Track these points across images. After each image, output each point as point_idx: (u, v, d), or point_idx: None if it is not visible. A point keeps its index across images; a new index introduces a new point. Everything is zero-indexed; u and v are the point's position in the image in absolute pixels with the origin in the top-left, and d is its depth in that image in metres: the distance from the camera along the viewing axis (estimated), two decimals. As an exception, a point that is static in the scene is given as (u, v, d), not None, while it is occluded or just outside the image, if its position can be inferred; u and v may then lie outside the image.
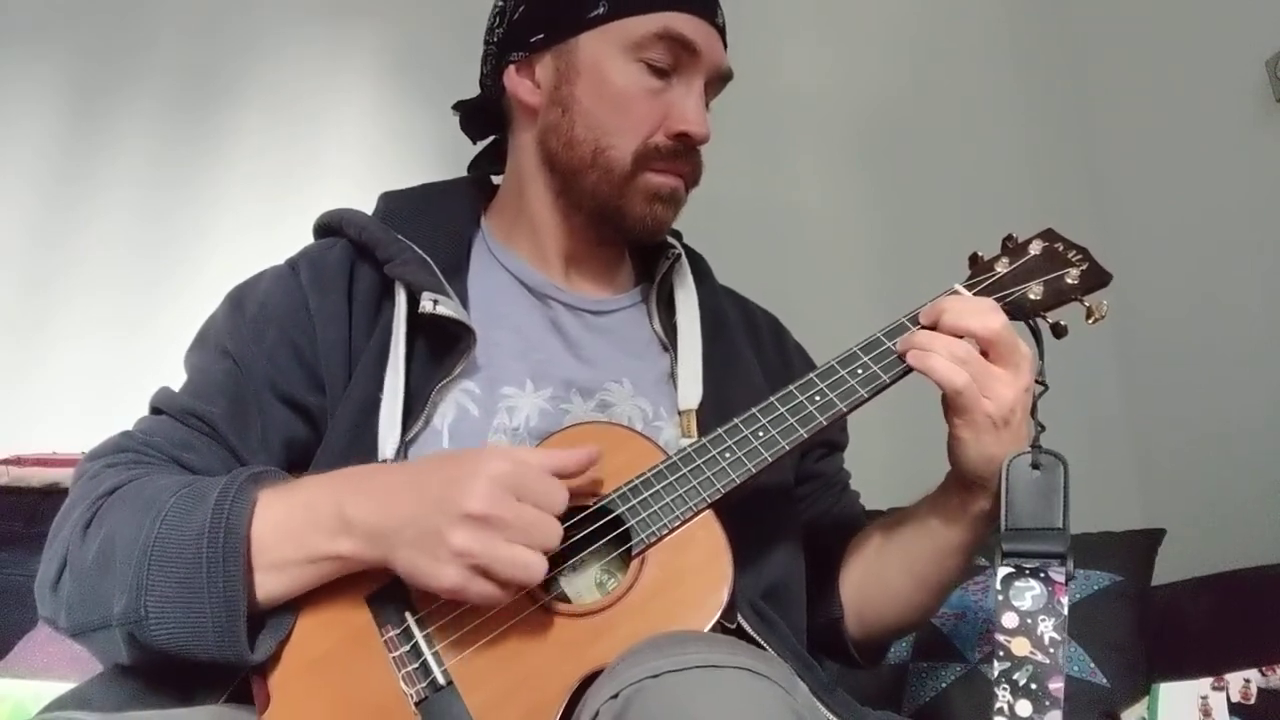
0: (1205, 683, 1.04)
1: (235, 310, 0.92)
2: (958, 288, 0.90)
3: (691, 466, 0.81)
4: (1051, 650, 0.76)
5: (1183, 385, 1.68)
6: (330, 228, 0.99)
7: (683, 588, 0.76)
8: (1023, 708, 0.74)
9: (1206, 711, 1.02)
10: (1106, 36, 1.87)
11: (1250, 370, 1.53)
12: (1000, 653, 0.77)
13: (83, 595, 0.75)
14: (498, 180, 1.09)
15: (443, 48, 1.65)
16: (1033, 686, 0.75)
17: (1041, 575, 0.78)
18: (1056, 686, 0.74)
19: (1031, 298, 0.88)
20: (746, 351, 1.04)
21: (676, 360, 0.97)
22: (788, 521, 0.98)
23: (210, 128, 1.86)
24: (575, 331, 0.98)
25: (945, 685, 1.19)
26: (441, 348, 0.89)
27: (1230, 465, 1.55)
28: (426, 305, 0.87)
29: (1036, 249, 0.91)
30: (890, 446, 1.47)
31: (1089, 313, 0.88)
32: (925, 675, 1.21)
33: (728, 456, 0.82)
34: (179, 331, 0.97)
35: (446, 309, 0.88)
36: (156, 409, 0.88)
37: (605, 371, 0.96)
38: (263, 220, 1.77)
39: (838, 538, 1.02)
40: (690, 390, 0.95)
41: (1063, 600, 0.77)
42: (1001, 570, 0.79)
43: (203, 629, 0.72)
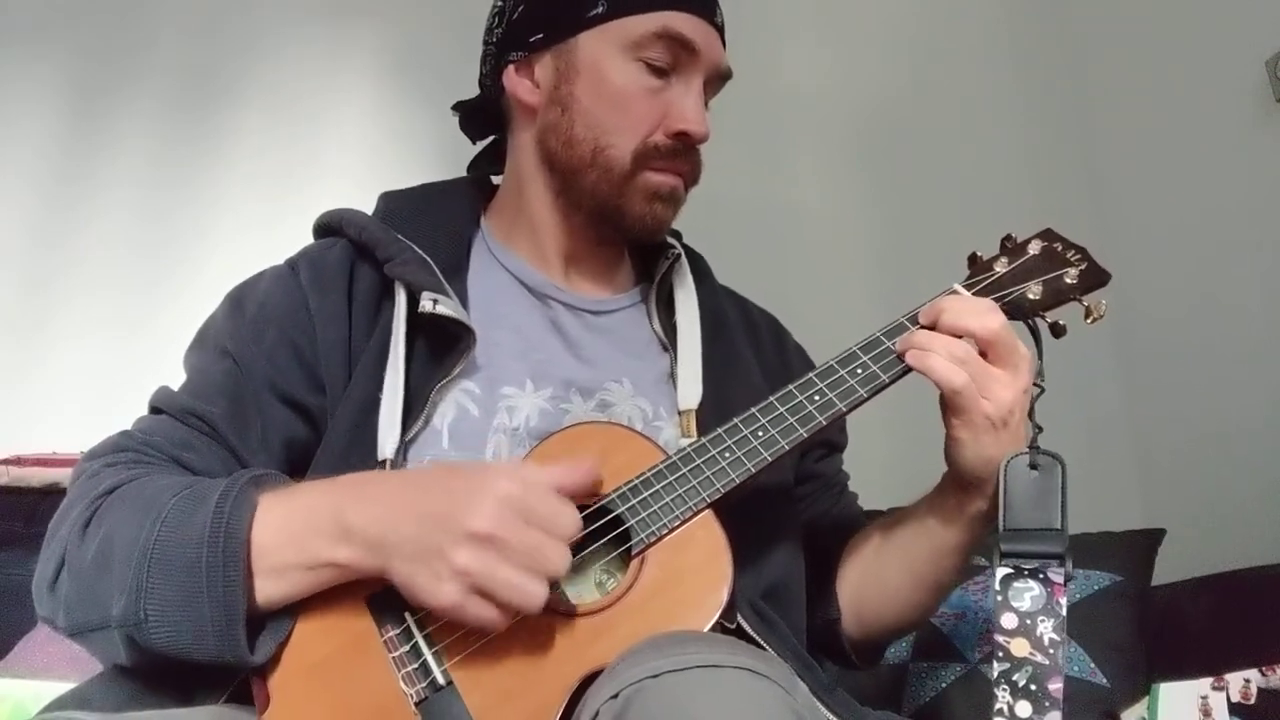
0: (1205, 683, 1.04)
1: (235, 310, 0.92)
2: (957, 287, 0.89)
3: (691, 466, 0.81)
4: (1051, 651, 0.76)
5: (1182, 385, 1.68)
6: (330, 228, 0.99)
7: (682, 587, 0.76)
8: (1022, 709, 0.74)
9: (1206, 711, 1.02)
10: (1106, 36, 1.87)
11: (1250, 370, 1.53)
12: (999, 653, 0.77)
13: (81, 595, 0.75)
14: (497, 180, 1.09)
15: (443, 48, 1.65)
16: (1032, 687, 0.75)
17: (1040, 576, 0.78)
18: (1056, 687, 0.74)
19: (1030, 297, 0.88)
20: (746, 352, 1.04)
21: (676, 360, 0.97)
22: (788, 522, 0.98)
23: (210, 128, 1.86)
24: (575, 331, 0.98)
25: (945, 685, 1.19)
26: (441, 347, 0.89)
27: (1230, 465, 1.55)
28: (426, 305, 0.87)
29: (1035, 249, 0.91)
30: (890, 446, 1.47)
31: (1088, 312, 0.87)
32: (925, 675, 1.21)
33: (727, 456, 0.81)
34: (179, 331, 0.97)
35: (446, 309, 0.88)
36: (156, 409, 0.88)
37: (605, 371, 0.96)
38: (263, 220, 1.77)
39: (836, 539, 1.02)
40: (690, 390, 0.94)
41: (1061, 601, 0.77)
42: (1000, 571, 0.79)
43: (203, 632, 0.72)
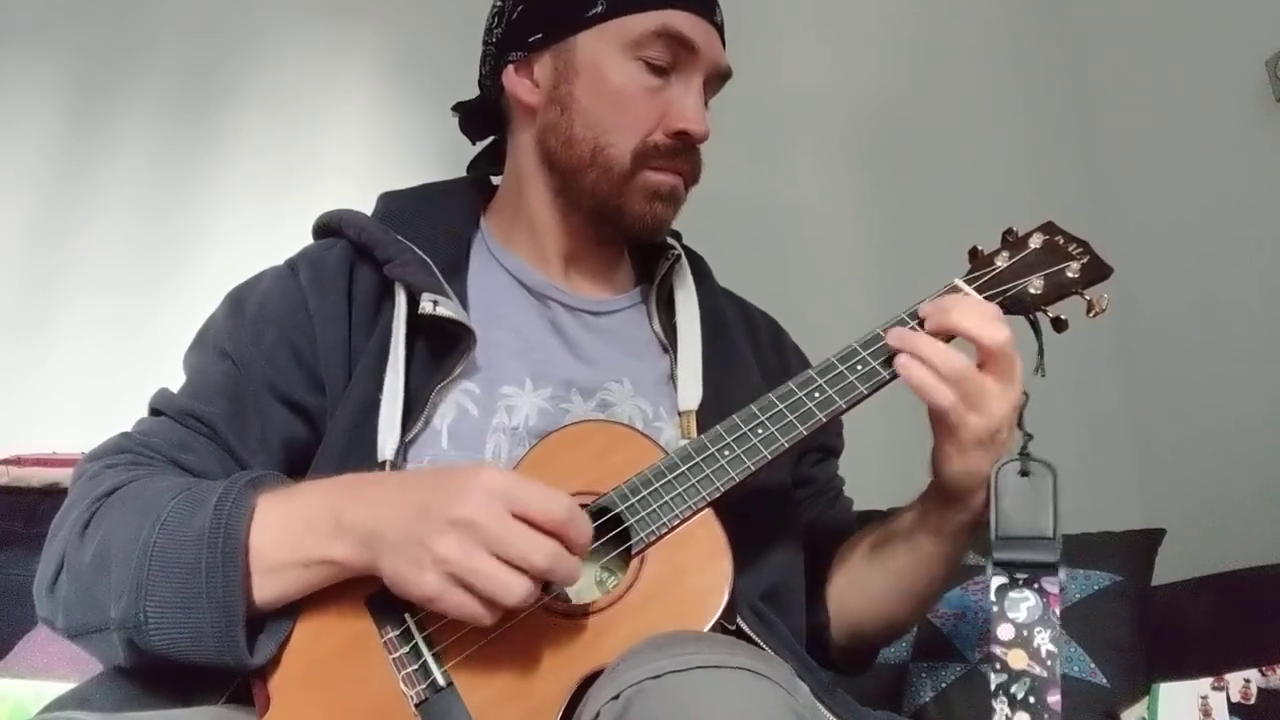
0: (1205, 683, 1.04)
1: (234, 311, 0.92)
2: (958, 282, 0.88)
3: (691, 465, 0.80)
4: (1049, 663, 0.75)
5: (1183, 385, 1.68)
6: (330, 228, 0.99)
7: (683, 587, 0.76)
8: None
9: (1206, 711, 1.02)
10: (1106, 36, 1.87)
11: (1250, 370, 1.53)
12: (997, 665, 0.76)
13: (80, 596, 0.75)
14: (497, 181, 1.09)
15: (443, 48, 1.65)
16: (1031, 700, 0.74)
17: (1035, 586, 0.77)
18: (1055, 700, 0.73)
19: (1032, 292, 0.87)
20: (746, 353, 1.04)
21: (676, 361, 0.97)
22: (787, 523, 0.98)
23: (210, 128, 1.86)
24: (574, 331, 0.98)
25: (945, 685, 1.19)
26: (441, 348, 0.89)
27: (1230, 464, 1.55)
28: (426, 306, 0.87)
29: (1037, 242, 0.90)
30: (889, 446, 1.47)
31: (1090, 306, 0.86)
32: (925, 675, 1.21)
33: (727, 455, 0.81)
34: (179, 331, 0.97)
35: (446, 310, 0.87)
36: (156, 410, 0.88)
37: (605, 371, 0.95)
38: (263, 220, 1.77)
39: (826, 545, 1.02)
40: (690, 391, 0.94)
41: (1056, 611, 0.76)
42: (995, 581, 0.78)
43: (202, 634, 0.72)
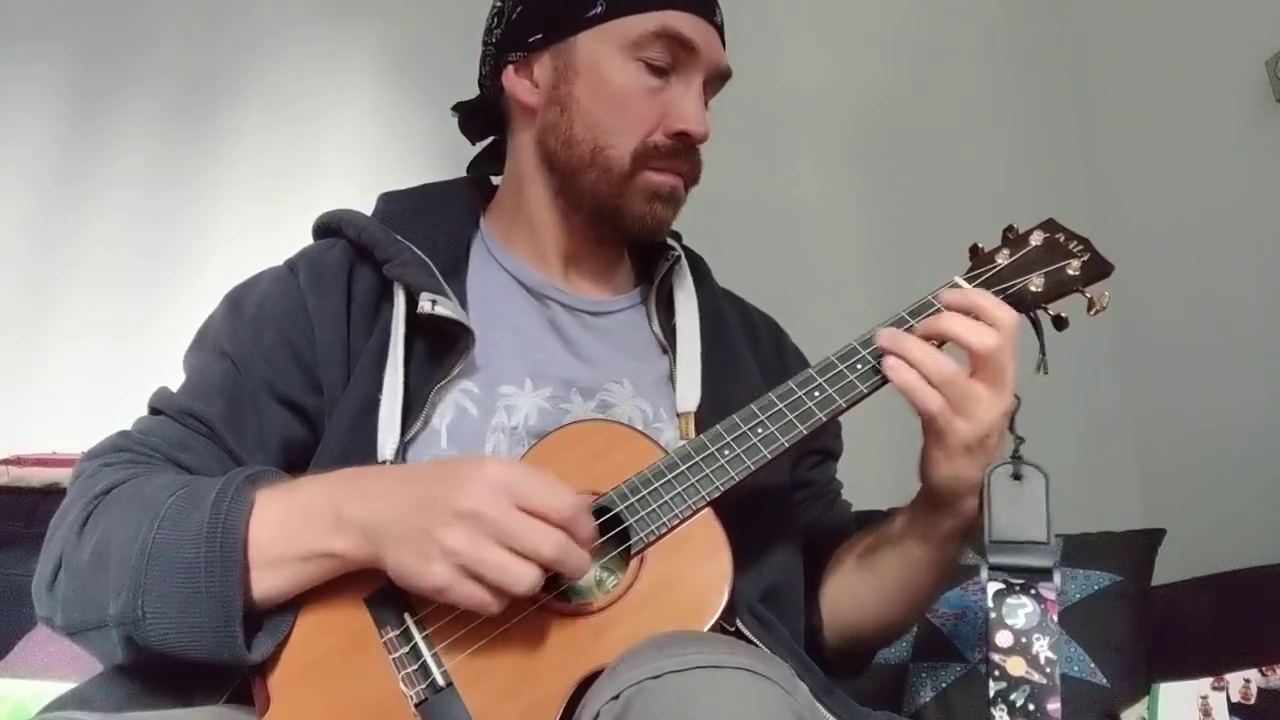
0: (1205, 683, 1.04)
1: (233, 311, 0.92)
2: (958, 280, 0.88)
3: (690, 464, 0.80)
4: (1048, 670, 0.74)
5: (1183, 385, 1.68)
6: (329, 228, 0.99)
7: (682, 587, 0.76)
8: (1021, 728, 0.73)
9: (1206, 711, 1.02)
10: (1106, 36, 1.87)
11: (1250, 370, 1.53)
12: (996, 672, 0.75)
13: (78, 594, 0.75)
14: (497, 181, 1.09)
15: (443, 48, 1.65)
16: (1030, 707, 0.73)
17: (1032, 592, 0.77)
18: (1055, 707, 0.73)
19: (1033, 290, 0.87)
20: (745, 354, 1.04)
21: (675, 362, 0.97)
22: (787, 524, 0.98)
23: (210, 128, 1.86)
24: (574, 332, 0.98)
25: (945, 685, 1.19)
26: (440, 348, 0.89)
27: (1230, 464, 1.55)
28: (425, 306, 0.87)
29: (1037, 240, 0.90)
30: (889, 447, 1.46)
31: (1091, 304, 0.86)
32: (925, 675, 1.21)
33: (727, 454, 0.81)
34: (179, 331, 0.97)
35: (445, 309, 0.87)
36: (155, 409, 0.88)
37: (605, 372, 0.95)
38: (263, 220, 1.77)
39: (822, 548, 1.01)
40: (689, 392, 0.94)
41: (1054, 617, 0.76)
42: (992, 586, 0.78)
43: (200, 629, 0.72)
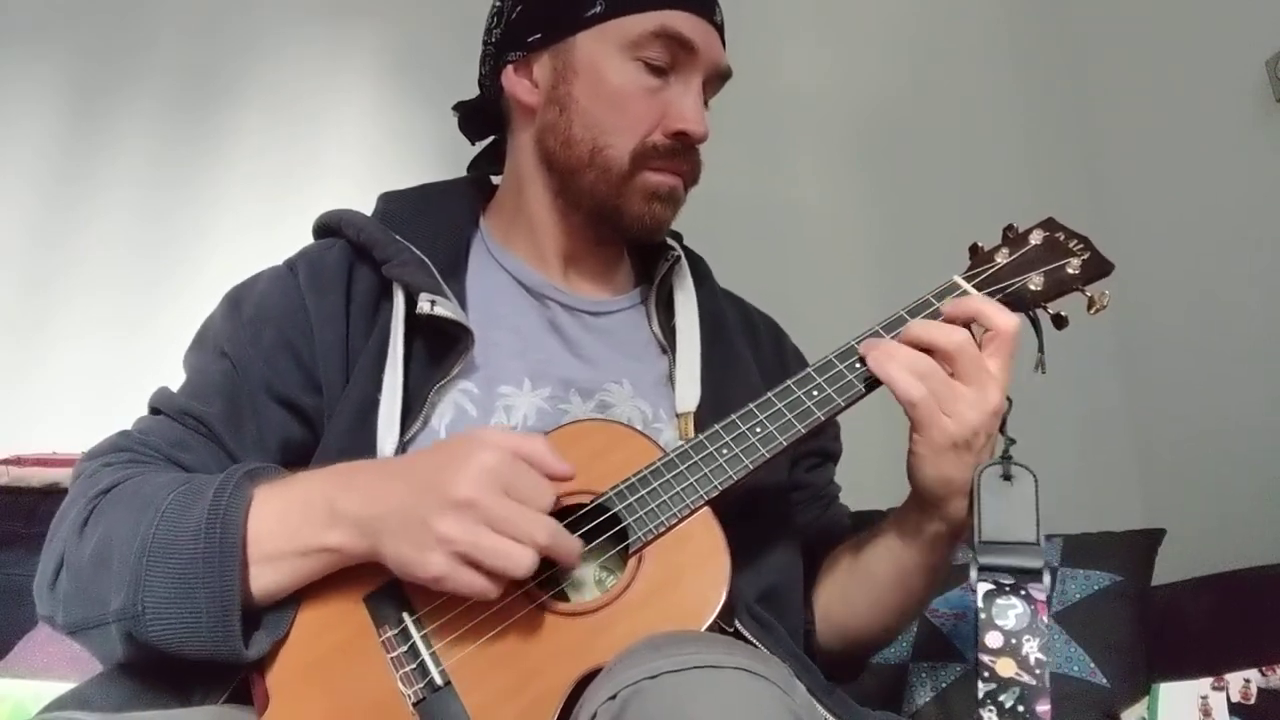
0: (1205, 683, 1.04)
1: (233, 311, 0.92)
2: (957, 279, 0.88)
3: (689, 464, 0.80)
4: (1038, 672, 0.74)
5: (1183, 385, 1.68)
6: (329, 228, 0.99)
7: (680, 586, 0.76)
8: (1010, 730, 0.72)
9: (1206, 711, 1.02)
10: (1106, 36, 1.87)
11: (1250, 370, 1.53)
12: (985, 673, 0.75)
13: (79, 593, 0.75)
14: (497, 181, 1.09)
15: (443, 48, 1.65)
16: (1020, 709, 0.73)
17: (1022, 593, 0.77)
18: (1044, 709, 0.72)
19: (1032, 288, 0.87)
20: (745, 354, 1.03)
21: (675, 363, 0.97)
22: (786, 525, 0.98)
23: (210, 128, 1.86)
24: (573, 332, 0.98)
25: (945, 685, 1.19)
26: (439, 348, 0.89)
27: (1230, 464, 1.55)
28: (424, 306, 0.87)
29: (1037, 239, 0.90)
30: (889, 447, 1.46)
31: (1091, 303, 0.86)
32: (925, 675, 1.21)
33: (725, 453, 0.81)
34: (179, 331, 0.97)
35: (444, 310, 0.87)
36: (154, 409, 0.88)
37: (605, 372, 0.95)
38: (263, 220, 1.77)
39: (818, 551, 1.01)
40: (688, 393, 0.94)
41: (1044, 619, 0.76)
42: (982, 587, 0.78)
43: (198, 625, 0.72)
